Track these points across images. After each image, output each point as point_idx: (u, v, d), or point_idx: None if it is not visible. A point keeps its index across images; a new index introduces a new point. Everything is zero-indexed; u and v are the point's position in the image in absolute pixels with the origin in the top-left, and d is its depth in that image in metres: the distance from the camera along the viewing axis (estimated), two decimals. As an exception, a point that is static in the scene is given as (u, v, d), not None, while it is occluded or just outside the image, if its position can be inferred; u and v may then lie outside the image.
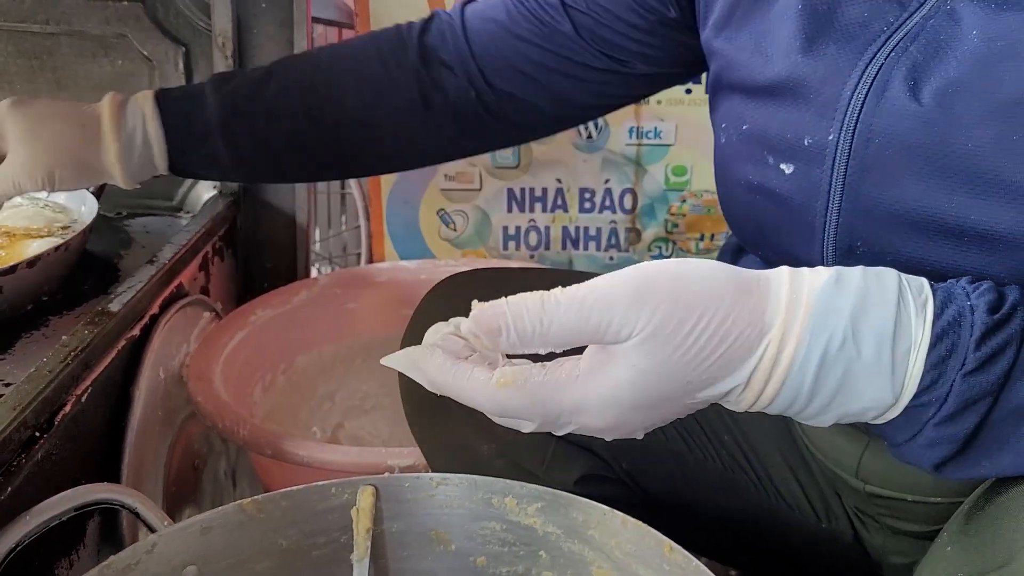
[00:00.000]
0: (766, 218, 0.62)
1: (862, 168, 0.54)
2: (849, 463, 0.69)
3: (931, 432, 0.45)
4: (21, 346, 0.88)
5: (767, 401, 0.45)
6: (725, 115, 0.66)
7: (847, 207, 0.55)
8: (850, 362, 0.44)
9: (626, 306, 0.43)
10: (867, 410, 0.45)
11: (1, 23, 1.28)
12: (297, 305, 1.28)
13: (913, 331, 0.44)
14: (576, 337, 0.44)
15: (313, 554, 0.68)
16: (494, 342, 0.45)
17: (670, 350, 0.43)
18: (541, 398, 0.45)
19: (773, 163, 0.60)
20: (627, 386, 0.44)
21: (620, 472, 0.74)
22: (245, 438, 0.94)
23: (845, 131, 0.55)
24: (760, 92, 0.61)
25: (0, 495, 0.69)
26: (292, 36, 1.26)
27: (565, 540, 0.65)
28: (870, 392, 0.44)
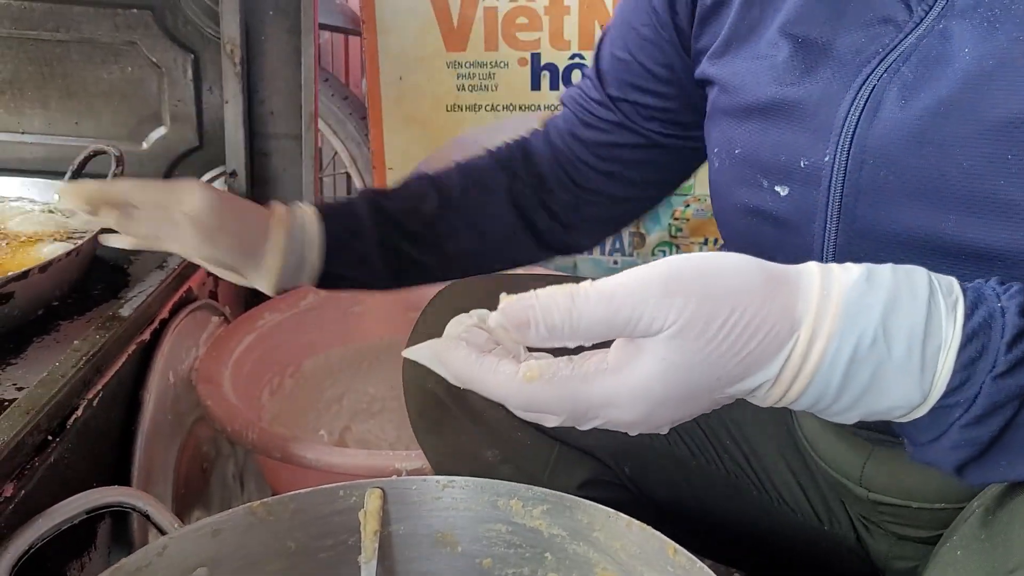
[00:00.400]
0: (764, 240, 0.62)
1: (857, 189, 0.54)
2: (852, 471, 0.69)
3: (957, 434, 0.44)
4: (33, 351, 0.89)
5: (794, 397, 0.44)
6: (717, 140, 0.66)
7: (844, 227, 0.56)
8: (880, 361, 0.43)
9: (656, 300, 0.42)
10: (894, 409, 0.44)
11: (12, 31, 1.29)
12: (304, 309, 1.29)
13: (944, 330, 0.43)
14: (606, 331, 0.43)
15: (321, 556, 0.69)
16: (523, 336, 0.44)
17: (702, 344, 0.42)
18: (570, 392, 0.44)
19: (767, 186, 0.60)
20: (658, 380, 0.43)
21: (623, 477, 0.75)
22: (254, 441, 0.95)
23: (840, 152, 0.55)
24: (753, 115, 0.61)
25: (14, 498, 0.70)
26: (299, 43, 1.27)
27: (570, 542, 0.66)
28: (899, 391, 0.43)
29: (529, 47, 1.38)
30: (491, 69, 1.40)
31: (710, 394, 0.44)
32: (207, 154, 1.35)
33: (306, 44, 1.27)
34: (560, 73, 1.39)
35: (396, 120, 1.43)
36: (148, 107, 1.33)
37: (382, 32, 1.38)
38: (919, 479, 0.65)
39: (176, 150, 1.35)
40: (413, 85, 1.41)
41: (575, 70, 1.39)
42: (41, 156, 1.36)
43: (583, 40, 1.37)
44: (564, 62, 1.38)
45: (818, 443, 0.72)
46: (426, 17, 1.37)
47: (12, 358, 0.88)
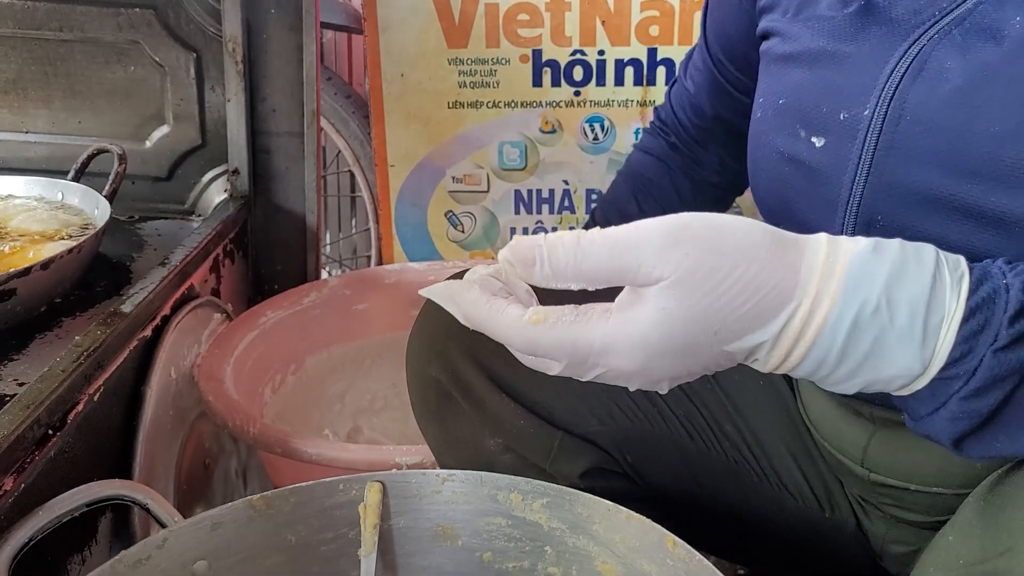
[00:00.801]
0: (792, 190, 0.63)
1: (890, 145, 0.56)
2: (854, 451, 0.69)
3: (955, 406, 0.45)
4: (35, 347, 0.90)
5: (796, 362, 0.45)
6: (764, 90, 0.68)
7: (872, 182, 0.57)
8: (882, 328, 0.43)
9: (657, 248, 0.43)
10: (894, 378, 0.45)
11: (16, 30, 1.29)
12: (307, 306, 1.29)
13: (947, 303, 0.44)
14: (608, 275, 0.45)
15: (321, 549, 0.69)
16: (527, 273, 0.46)
17: (699, 295, 0.43)
18: (572, 337, 0.45)
19: (805, 136, 0.61)
20: (655, 329, 0.44)
21: (624, 465, 0.75)
22: (255, 436, 0.95)
23: (880, 107, 0.56)
24: (803, 64, 0.63)
25: (13, 492, 0.70)
26: (301, 41, 1.27)
27: (570, 535, 0.66)
28: (900, 360, 0.44)
29: (531, 44, 1.38)
30: (493, 66, 1.40)
31: (708, 349, 0.45)
32: (209, 152, 1.35)
33: (308, 42, 1.27)
34: (562, 69, 1.39)
35: (398, 117, 1.43)
36: (151, 106, 1.34)
37: (383, 29, 1.38)
38: (919, 462, 0.66)
39: (179, 148, 1.35)
40: (415, 82, 1.41)
41: (576, 66, 1.38)
42: (45, 155, 1.36)
43: (584, 36, 1.37)
44: (566, 58, 1.38)
45: (821, 423, 0.72)
46: (427, 14, 1.37)
47: (14, 354, 0.88)
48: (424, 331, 0.76)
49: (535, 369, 0.49)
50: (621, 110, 1.41)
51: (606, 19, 1.35)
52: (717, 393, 0.77)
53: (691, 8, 1.33)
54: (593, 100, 1.41)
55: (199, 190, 1.37)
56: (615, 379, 0.47)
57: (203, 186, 1.37)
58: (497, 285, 0.49)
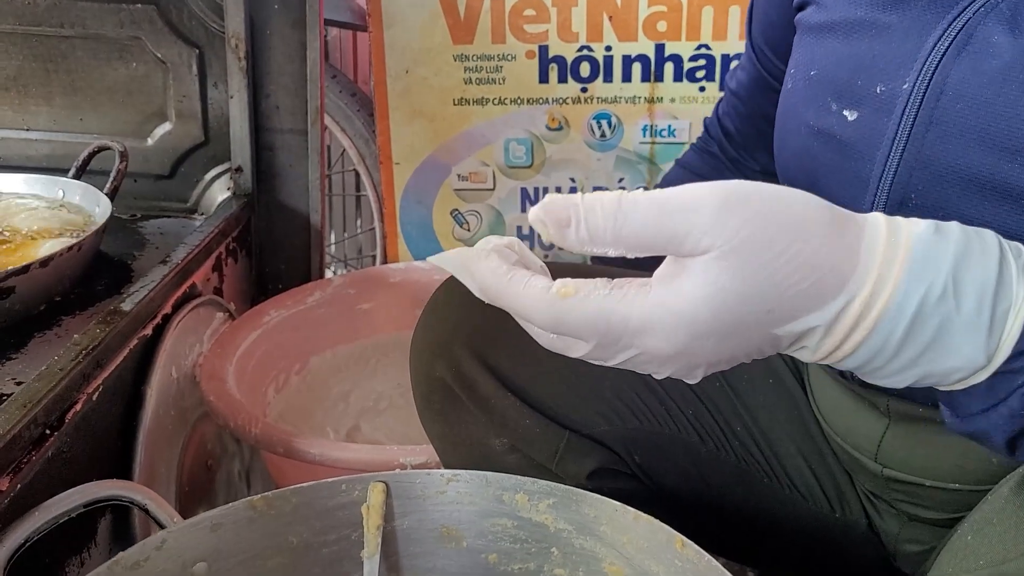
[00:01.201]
0: (820, 165, 0.62)
1: (929, 120, 0.54)
2: (868, 446, 0.68)
3: (1016, 401, 0.42)
4: (34, 346, 0.89)
5: (850, 350, 0.41)
6: (797, 60, 0.66)
7: (908, 158, 0.55)
8: (947, 316, 0.40)
9: (713, 214, 0.39)
10: (954, 371, 0.42)
11: (16, 27, 1.29)
12: (311, 306, 1.28)
13: (1015, 290, 0.40)
14: (652, 241, 0.40)
15: (323, 551, 0.68)
16: (561, 235, 0.41)
17: (757, 268, 0.39)
18: (606, 312, 0.41)
19: (836, 109, 0.60)
20: (704, 304, 0.40)
21: (633, 466, 0.74)
22: (257, 436, 0.94)
23: (920, 81, 0.55)
24: (839, 34, 0.61)
25: (10, 492, 0.69)
26: (305, 38, 1.26)
27: (577, 536, 0.65)
28: (964, 350, 0.41)
29: (537, 39, 1.36)
30: (498, 62, 1.38)
31: (758, 331, 0.41)
32: (212, 150, 1.34)
33: (311, 38, 1.26)
34: (568, 65, 1.37)
35: (403, 114, 1.42)
36: (153, 103, 1.33)
37: (388, 25, 1.37)
38: (934, 457, 0.64)
39: (181, 146, 1.34)
40: (420, 79, 1.40)
41: (583, 62, 1.37)
42: (46, 153, 1.36)
43: (591, 32, 1.35)
44: (572, 54, 1.37)
45: (833, 418, 0.71)
46: (432, 10, 1.36)
47: (12, 353, 0.87)
48: (428, 329, 0.75)
49: (554, 351, 0.44)
50: (628, 106, 1.39)
51: (613, 15, 1.34)
52: (726, 392, 0.75)
53: (699, 3, 1.32)
54: (600, 96, 1.39)
55: (202, 188, 1.36)
56: (647, 363, 0.43)
57: (206, 184, 1.36)
58: (513, 257, 0.44)
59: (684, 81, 1.37)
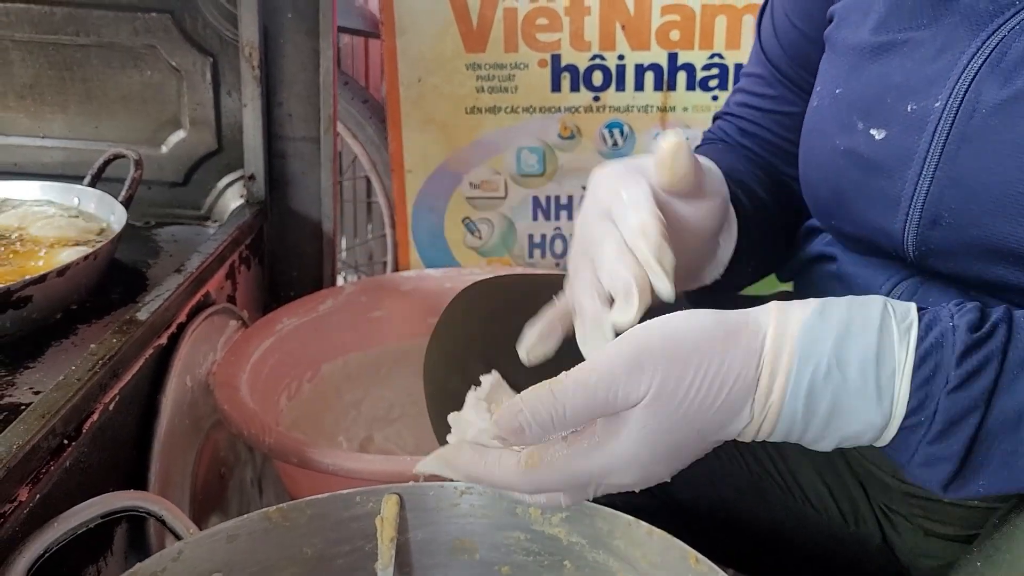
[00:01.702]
0: (848, 184, 0.61)
1: (962, 137, 0.54)
2: (886, 460, 0.68)
3: (924, 451, 0.46)
4: (51, 354, 0.89)
5: (768, 431, 0.48)
6: (823, 77, 0.66)
7: (940, 176, 0.55)
8: (837, 388, 0.46)
9: (626, 377, 0.47)
10: (862, 433, 0.47)
11: (32, 35, 1.30)
12: (323, 313, 1.28)
13: (896, 355, 0.46)
14: (590, 414, 0.48)
15: (338, 562, 0.68)
16: (520, 439, 0.49)
17: (675, 406, 0.47)
18: (570, 471, 0.50)
19: (862, 128, 0.59)
20: (644, 446, 0.48)
21: (645, 480, 0.74)
22: (271, 446, 0.94)
23: (953, 99, 0.54)
24: (866, 54, 0.60)
25: (29, 503, 0.70)
26: (318, 45, 1.27)
27: (590, 550, 0.65)
28: (861, 416, 0.46)
29: (549, 48, 1.37)
30: (511, 71, 1.39)
31: (696, 445, 0.49)
32: (226, 157, 1.35)
33: (324, 46, 1.27)
34: (581, 74, 1.38)
35: (415, 122, 1.43)
36: (167, 111, 1.33)
37: (401, 33, 1.38)
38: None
39: (195, 154, 1.35)
40: (432, 87, 1.40)
41: (596, 71, 1.37)
42: (61, 160, 1.36)
43: (604, 41, 1.36)
44: (585, 63, 1.37)
45: None
46: (445, 18, 1.36)
47: (29, 362, 0.88)
48: (443, 343, 0.75)
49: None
50: (641, 115, 1.39)
51: (626, 23, 1.34)
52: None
53: (712, 12, 1.32)
54: (612, 105, 1.39)
55: (215, 196, 1.36)
56: (620, 490, 0.51)
57: (219, 192, 1.36)
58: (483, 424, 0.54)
59: (697, 90, 1.37)
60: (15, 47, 1.31)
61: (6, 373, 0.85)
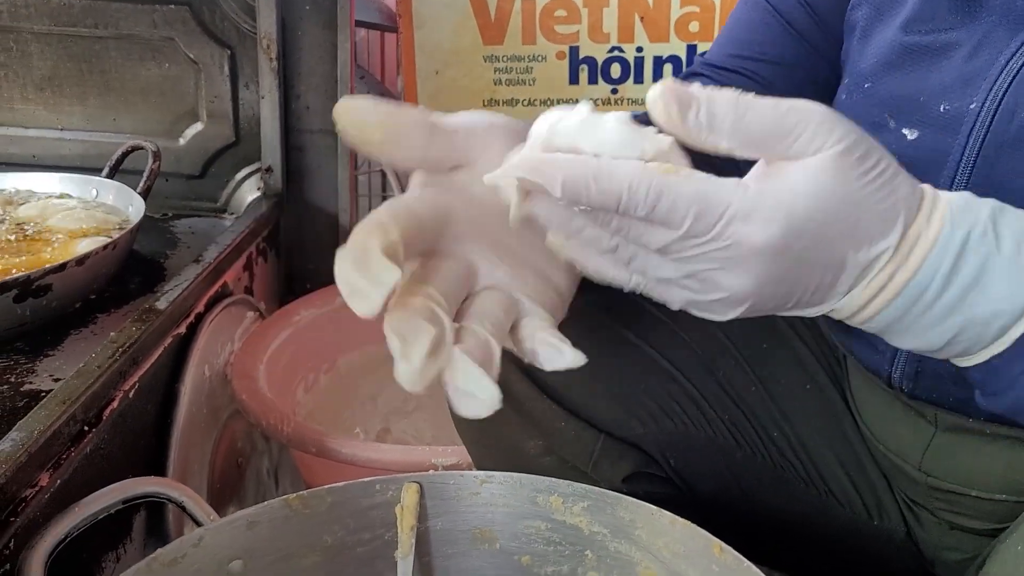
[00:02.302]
0: None
1: (1001, 140, 0.52)
2: (913, 455, 0.67)
3: None
4: (70, 343, 0.90)
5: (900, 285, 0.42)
6: (852, 70, 0.64)
7: (977, 180, 0.53)
8: (989, 253, 0.42)
9: (822, 118, 0.41)
10: (997, 315, 0.42)
11: (52, 27, 1.30)
12: (340, 305, 1.26)
13: None
14: (768, 134, 0.41)
15: (358, 550, 0.68)
16: (680, 116, 0.40)
17: (856, 175, 0.41)
18: (708, 191, 0.40)
19: (894, 127, 0.58)
20: (807, 199, 0.41)
21: (668, 470, 0.73)
22: (289, 435, 0.94)
23: (991, 100, 0.53)
24: (897, 49, 0.59)
25: (49, 488, 0.70)
26: (336, 39, 1.27)
27: (611, 540, 0.64)
28: (1004, 292, 0.42)
29: (567, 40, 1.36)
30: (529, 63, 1.38)
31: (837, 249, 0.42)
32: (243, 150, 1.35)
33: (342, 39, 1.27)
34: (599, 67, 1.37)
35: (432, 115, 1.42)
36: (185, 103, 1.34)
37: (418, 26, 1.37)
38: (981, 466, 0.63)
39: (213, 146, 1.35)
40: (450, 80, 1.40)
41: (614, 63, 1.37)
42: (79, 152, 1.37)
43: (622, 33, 1.35)
44: (603, 55, 1.36)
45: (878, 425, 0.70)
46: (463, 11, 1.36)
47: (49, 350, 0.88)
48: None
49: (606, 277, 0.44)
50: (659, 108, 1.39)
51: (645, 15, 1.33)
52: (763, 398, 0.75)
53: (732, 3, 1.31)
54: (631, 98, 1.39)
55: (232, 188, 1.37)
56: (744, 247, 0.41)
57: (236, 184, 1.36)
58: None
59: (715, 83, 1.37)
60: (34, 39, 1.32)
61: (27, 361, 0.85)
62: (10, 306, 0.86)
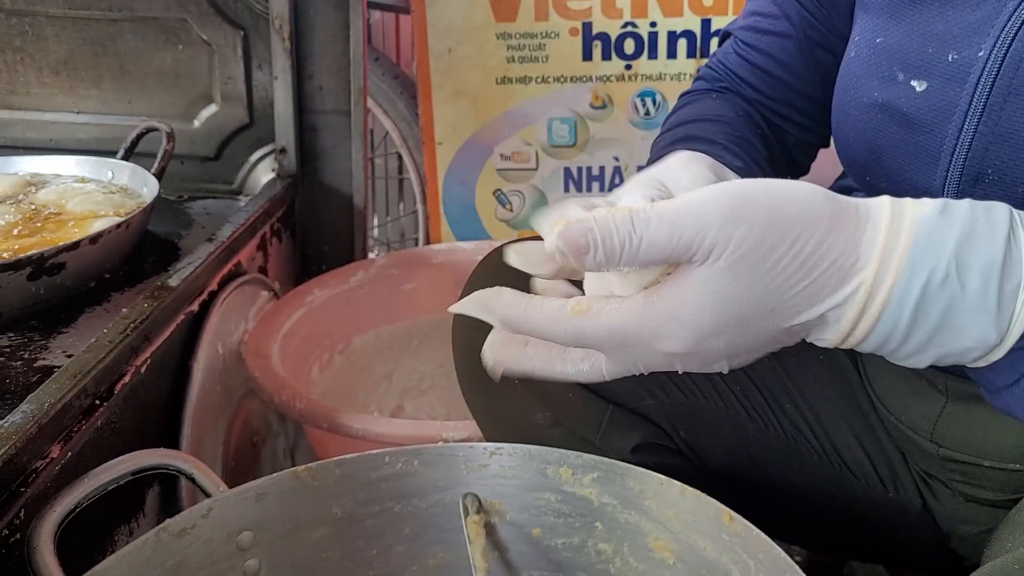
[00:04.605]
0: (885, 140, 0.59)
1: (1008, 88, 0.51)
2: (924, 425, 0.66)
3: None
4: (84, 320, 0.90)
5: (861, 337, 0.43)
6: (860, 28, 0.63)
7: (984, 130, 0.52)
8: (952, 298, 0.41)
9: (720, 224, 0.41)
10: (969, 350, 0.42)
11: (66, 11, 1.31)
12: (354, 286, 1.28)
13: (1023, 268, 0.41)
14: (666, 256, 0.42)
15: (367, 523, 0.68)
16: (579, 260, 0.43)
17: (759, 274, 0.41)
18: (620, 324, 0.44)
19: (903, 80, 0.57)
20: (710, 311, 0.42)
21: (678, 441, 0.72)
22: (301, 412, 0.94)
23: (999, 48, 0.52)
24: (905, 2, 0.58)
25: (60, 460, 0.70)
26: (348, 18, 1.26)
27: (621, 511, 0.64)
28: (974, 331, 0.42)
29: (580, 16, 1.35)
30: (541, 40, 1.37)
31: (765, 327, 0.43)
32: (257, 131, 1.35)
33: (354, 18, 1.26)
34: (612, 43, 1.36)
35: (445, 94, 1.42)
36: (199, 85, 1.34)
37: (431, 4, 1.37)
38: (994, 436, 0.62)
39: (227, 128, 1.35)
40: (462, 58, 1.39)
41: (627, 39, 1.35)
42: (95, 136, 1.38)
43: (636, 8, 1.33)
44: (616, 31, 1.35)
45: (889, 397, 0.69)
46: (475, -9, 1.35)
47: (63, 327, 0.88)
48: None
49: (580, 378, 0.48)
50: (674, 84, 1.37)
51: (658, -11, 1.32)
52: (776, 369, 0.74)
53: (746, -23, 1.29)
54: (645, 74, 1.37)
55: (247, 170, 1.37)
56: (668, 363, 0.45)
57: (251, 166, 1.37)
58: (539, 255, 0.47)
59: (731, 57, 1.35)
60: (49, 23, 1.32)
61: (40, 338, 0.86)
62: (24, 284, 0.87)
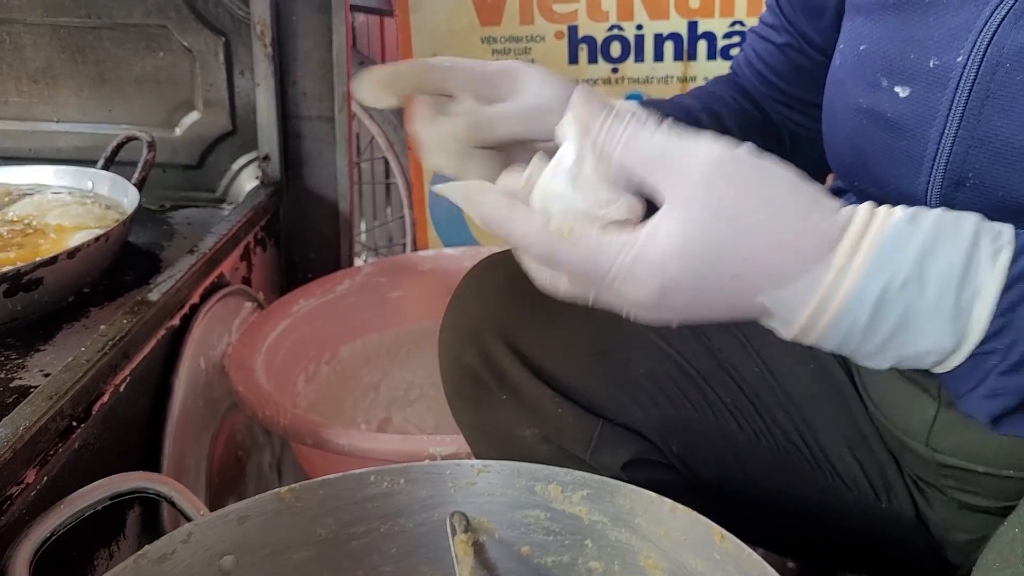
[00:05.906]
0: (871, 145, 0.59)
1: (986, 93, 0.52)
2: (919, 430, 0.66)
3: (994, 381, 0.43)
4: (61, 337, 0.88)
5: (820, 331, 0.44)
6: (846, 35, 0.64)
7: (963, 135, 0.53)
8: (911, 303, 0.42)
9: (706, 168, 0.43)
10: (926, 354, 0.44)
11: (44, 18, 1.29)
12: (340, 294, 1.26)
13: (982, 277, 0.42)
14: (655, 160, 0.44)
15: (352, 544, 0.66)
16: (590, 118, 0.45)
17: (728, 234, 0.43)
18: (594, 255, 0.45)
19: (887, 86, 0.57)
20: (675, 259, 0.43)
21: (670, 455, 0.71)
22: (285, 427, 0.93)
23: (975, 53, 0.52)
24: (889, 9, 0.58)
25: (36, 485, 0.69)
26: (330, 22, 1.25)
27: (612, 528, 0.63)
28: (931, 335, 0.43)
29: (566, 19, 1.34)
30: (527, 43, 1.36)
31: (725, 295, 0.44)
32: (240, 138, 1.33)
33: (337, 23, 1.25)
34: (599, 46, 1.35)
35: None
36: (181, 93, 1.32)
37: (415, 8, 1.35)
38: (987, 442, 0.63)
39: (209, 135, 1.33)
40: (447, 63, 1.38)
41: (614, 42, 1.34)
42: (75, 144, 1.35)
43: (622, 11, 1.32)
44: (603, 34, 1.34)
45: (883, 401, 0.69)
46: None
47: (40, 345, 0.87)
48: (457, 316, 0.73)
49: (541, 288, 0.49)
50: (661, 86, 1.36)
51: (643, -8, 1.31)
52: (766, 379, 0.73)
53: (733, -22, 1.29)
54: (631, 77, 1.36)
55: (230, 177, 1.35)
56: (623, 306, 0.46)
57: (234, 173, 1.35)
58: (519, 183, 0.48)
59: (718, 59, 1.34)
60: (27, 31, 1.30)
61: (17, 356, 0.84)
62: (0, 301, 0.85)
